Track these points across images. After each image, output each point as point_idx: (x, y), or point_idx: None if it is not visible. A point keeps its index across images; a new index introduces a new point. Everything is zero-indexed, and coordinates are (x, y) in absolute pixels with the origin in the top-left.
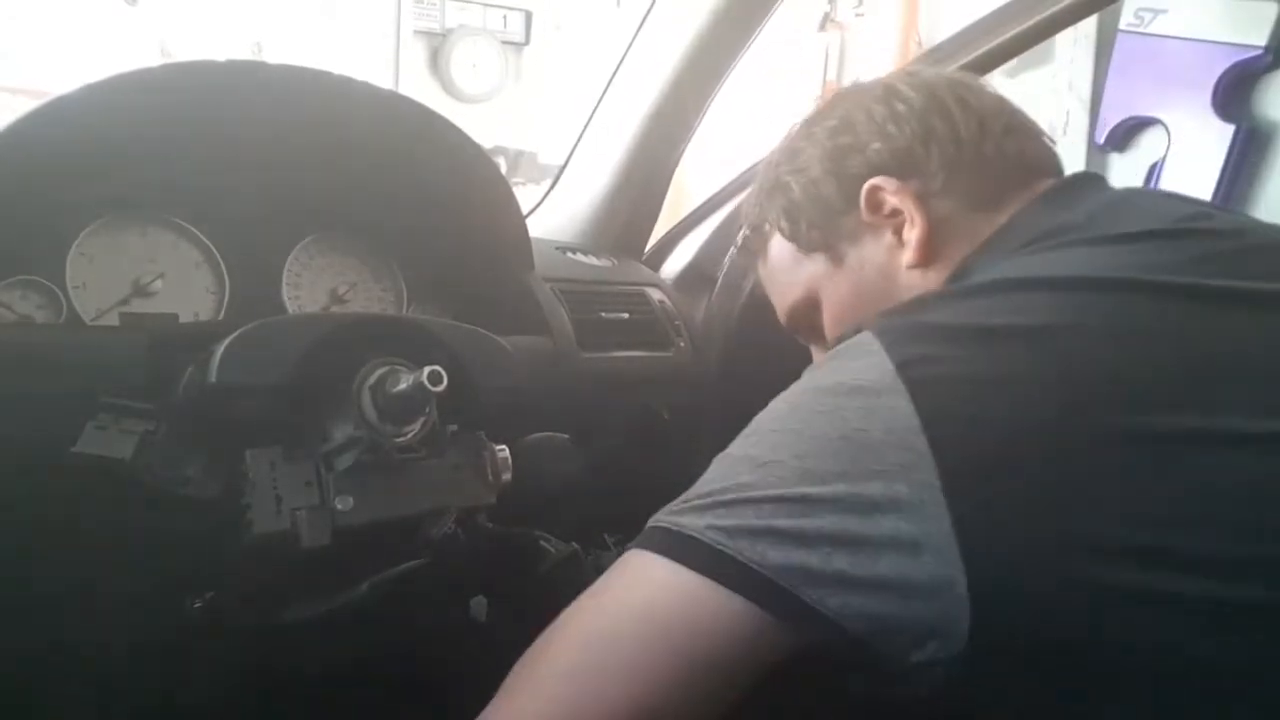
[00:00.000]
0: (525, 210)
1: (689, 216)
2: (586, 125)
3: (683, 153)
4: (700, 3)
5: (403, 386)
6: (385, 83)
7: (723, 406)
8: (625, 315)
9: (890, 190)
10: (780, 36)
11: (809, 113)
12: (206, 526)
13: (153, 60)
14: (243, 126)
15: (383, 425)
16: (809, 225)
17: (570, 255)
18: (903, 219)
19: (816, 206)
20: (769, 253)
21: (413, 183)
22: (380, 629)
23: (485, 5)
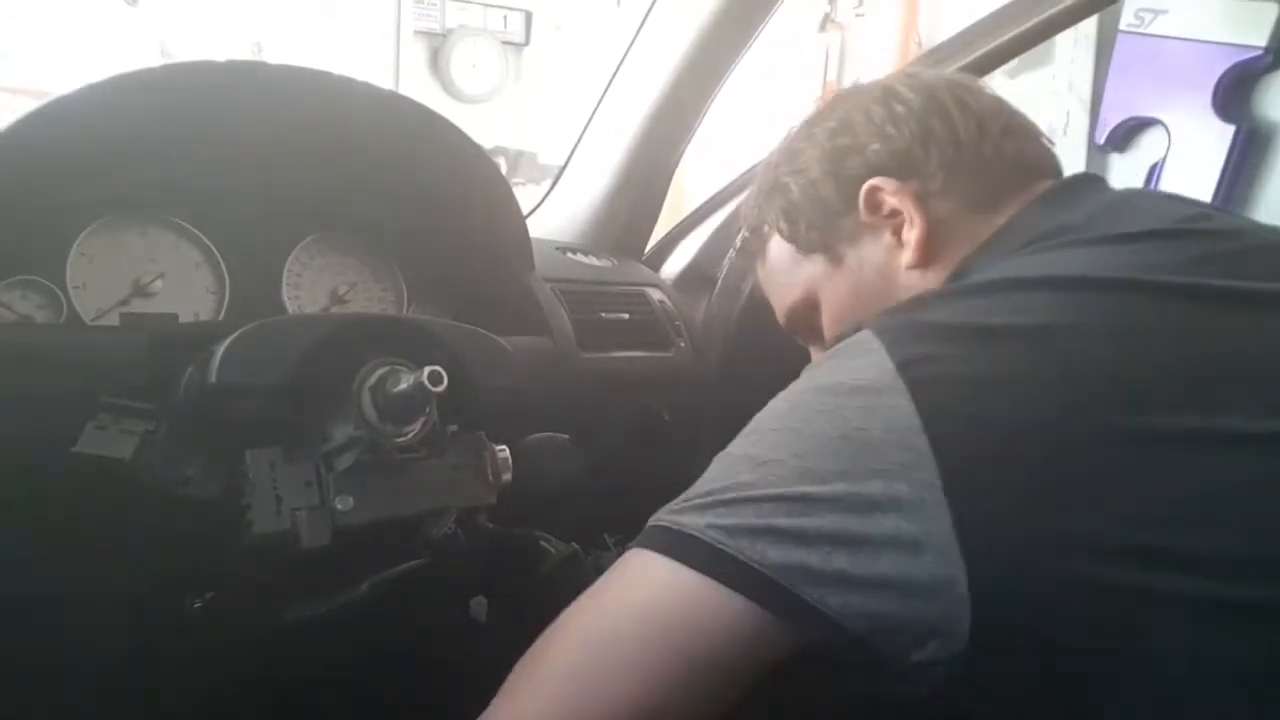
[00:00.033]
0: (525, 210)
1: (689, 217)
2: (586, 125)
3: (683, 153)
4: (700, 3)
5: (403, 387)
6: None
7: (722, 407)
8: (625, 315)
9: (889, 191)
10: (780, 37)
11: (808, 114)
12: (206, 526)
13: (153, 60)
14: (243, 126)
15: (383, 425)
16: (808, 226)
17: (570, 255)
18: (902, 220)
19: (815, 207)
20: (768, 254)
21: (413, 183)
22: (380, 629)
23: (485, 5)
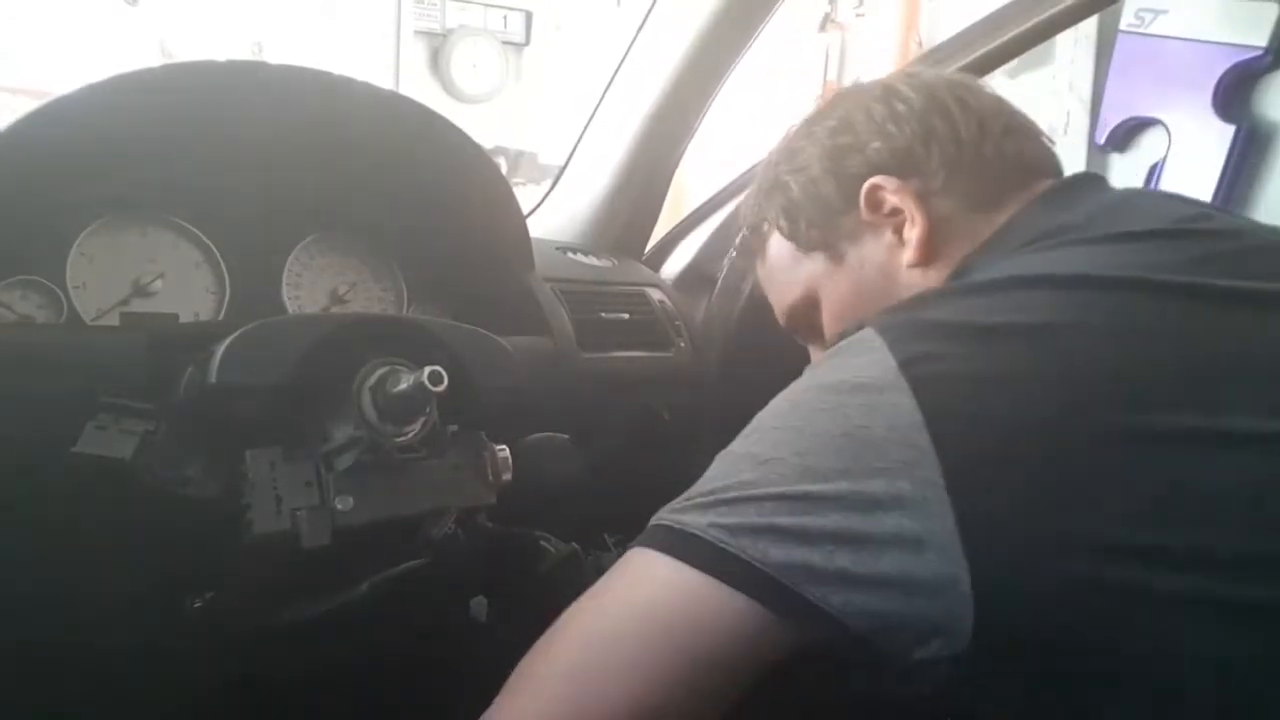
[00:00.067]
0: (525, 210)
1: (689, 217)
2: (587, 125)
3: (683, 153)
4: (700, 3)
5: (403, 386)
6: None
7: (722, 406)
8: (625, 315)
9: (890, 189)
10: (780, 37)
11: (808, 113)
12: (206, 526)
13: (153, 60)
14: (243, 126)
15: (383, 425)
16: (808, 224)
17: (570, 255)
18: (903, 218)
19: (816, 205)
20: (767, 252)
21: (413, 183)
22: (380, 629)
23: (485, 5)
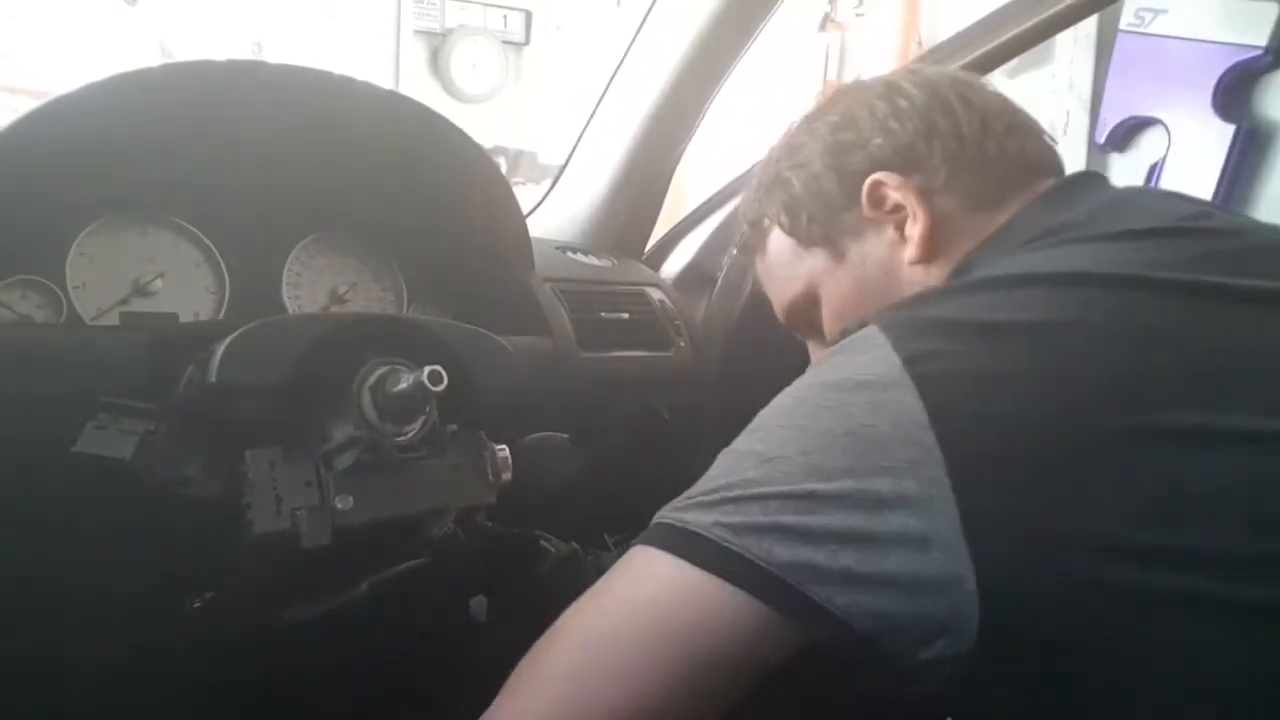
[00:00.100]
0: (525, 210)
1: (689, 216)
2: (586, 125)
3: (683, 153)
4: (700, 3)
5: (403, 386)
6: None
7: (723, 406)
8: (625, 315)
9: (893, 185)
10: (780, 37)
11: (810, 109)
12: (206, 526)
13: (153, 60)
14: (243, 126)
15: (383, 425)
16: (809, 220)
17: (570, 255)
18: (905, 214)
19: (817, 201)
20: (768, 248)
21: (413, 183)
22: (380, 629)
23: (485, 5)
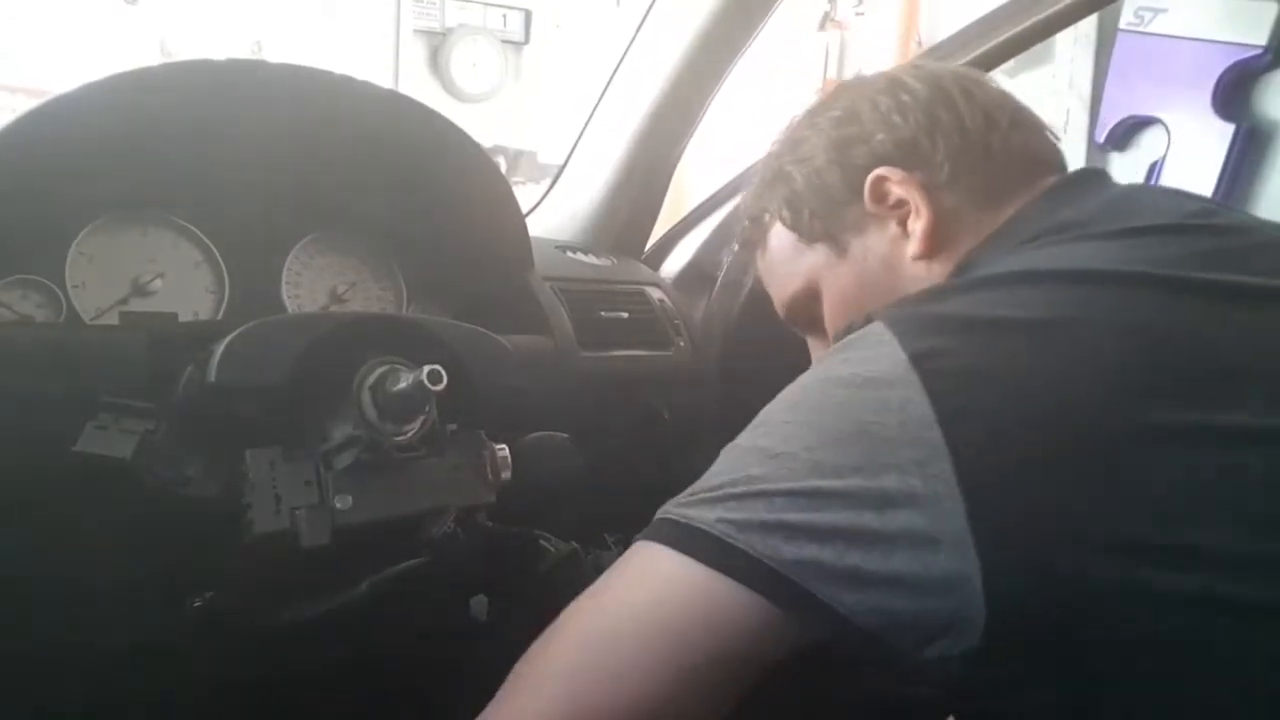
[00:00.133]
0: (525, 209)
1: (689, 216)
2: (586, 124)
3: (683, 151)
4: (700, 1)
5: (402, 385)
6: (385, 82)
7: (722, 405)
8: (625, 314)
9: (896, 181)
10: (780, 36)
11: (811, 103)
12: (206, 526)
13: (153, 59)
14: (242, 126)
15: (382, 424)
16: (811, 215)
17: (570, 254)
18: (908, 210)
19: (819, 196)
20: (769, 243)
21: (413, 182)
22: (380, 629)
23: (485, 4)
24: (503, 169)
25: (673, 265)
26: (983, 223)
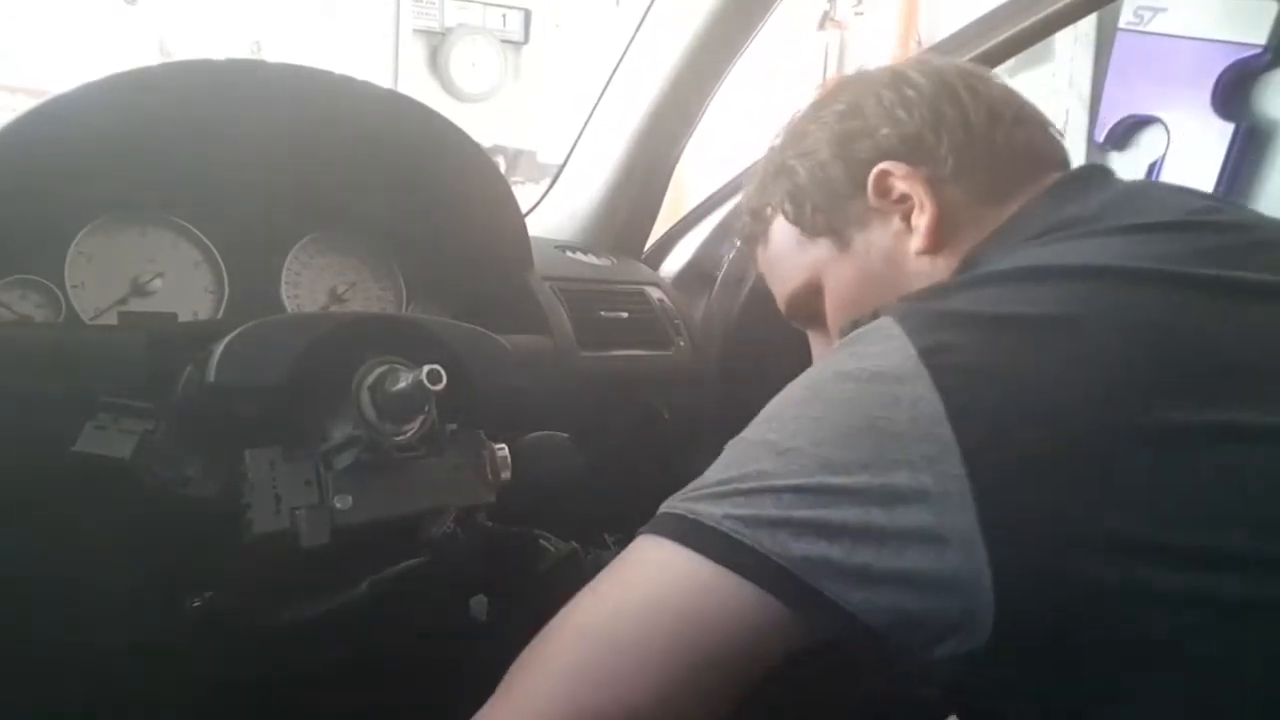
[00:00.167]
0: (524, 209)
1: (688, 215)
2: (586, 124)
3: (682, 151)
4: (700, 2)
5: (402, 385)
6: (385, 81)
7: (722, 405)
8: (625, 314)
9: (900, 175)
10: (780, 35)
11: (814, 98)
12: (206, 526)
13: (152, 59)
14: (242, 125)
15: (382, 424)
16: (814, 209)
17: (569, 254)
18: (911, 205)
19: (823, 190)
20: (771, 238)
21: (412, 182)
22: (380, 629)
23: (485, 4)
24: (502, 169)
25: (672, 265)
26: (986, 218)
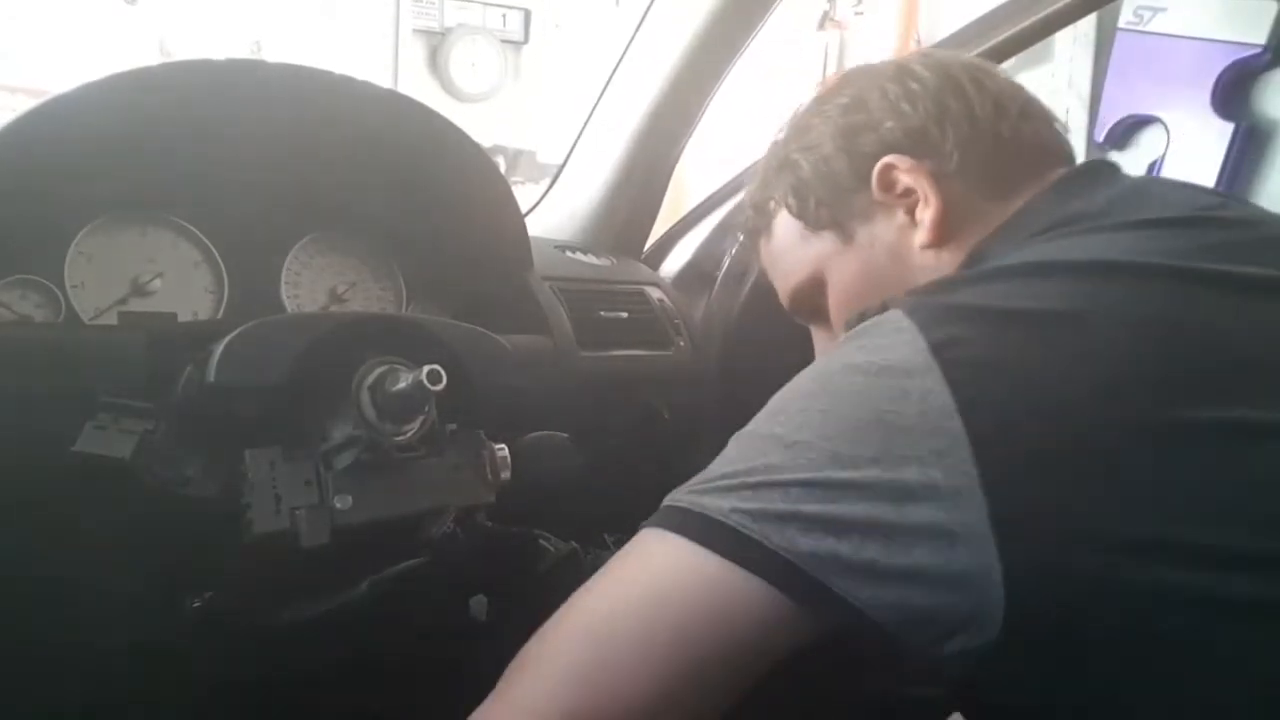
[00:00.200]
0: (524, 209)
1: (688, 215)
2: (585, 124)
3: (682, 151)
4: (699, 2)
5: (402, 385)
6: (384, 81)
7: (722, 405)
8: (624, 314)
9: (904, 169)
10: (779, 35)
11: (818, 91)
12: (206, 526)
13: (152, 59)
14: (242, 125)
15: (382, 424)
16: (818, 203)
17: (569, 254)
18: (916, 198)
19: (826, 184)
20: (774, 232)
21: (412, 182)
22: (380, 629)
23: (484, 4)
24: (502, 168)
25: (672, 265)
26: (991, 213)
